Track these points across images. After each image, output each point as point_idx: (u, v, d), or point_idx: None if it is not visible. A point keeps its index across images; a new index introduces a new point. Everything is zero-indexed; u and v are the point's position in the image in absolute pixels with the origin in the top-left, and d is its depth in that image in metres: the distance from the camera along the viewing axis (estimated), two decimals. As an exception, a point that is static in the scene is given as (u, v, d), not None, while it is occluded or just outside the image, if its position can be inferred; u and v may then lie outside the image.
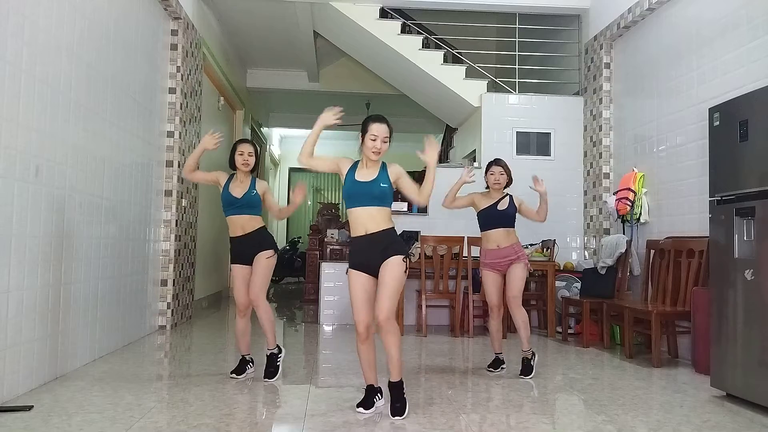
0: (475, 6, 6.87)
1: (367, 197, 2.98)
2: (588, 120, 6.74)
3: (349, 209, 3.05)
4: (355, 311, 3.01)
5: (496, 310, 4.11)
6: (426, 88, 7.67)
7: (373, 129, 3.02)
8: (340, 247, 7.76)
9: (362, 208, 2.99)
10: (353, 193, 3.01)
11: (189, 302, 6.36)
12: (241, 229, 3.75)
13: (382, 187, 2.99)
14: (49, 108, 3.46)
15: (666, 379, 3.98)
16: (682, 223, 4.96)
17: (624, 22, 5.84)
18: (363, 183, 3.00)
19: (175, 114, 5.73)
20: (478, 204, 4.12)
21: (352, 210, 3.03)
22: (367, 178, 3.01)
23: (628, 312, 4.68)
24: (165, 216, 5.65)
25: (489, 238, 4.08)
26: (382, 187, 2.99)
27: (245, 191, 3.74)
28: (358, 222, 3.00)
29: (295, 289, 11.05)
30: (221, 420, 2.88)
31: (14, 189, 3.11)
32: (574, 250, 6.81)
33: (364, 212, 2.99)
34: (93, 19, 4.07)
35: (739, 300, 3.36)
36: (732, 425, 2.97)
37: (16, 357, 3.16)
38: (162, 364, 4.32)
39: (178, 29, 5.80)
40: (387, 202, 3.04)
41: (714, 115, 3.66)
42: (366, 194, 2.98)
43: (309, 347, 5.17)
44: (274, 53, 9.19)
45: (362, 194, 2.99)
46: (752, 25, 4.21)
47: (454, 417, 3.01)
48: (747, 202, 3.32)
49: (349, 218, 3.05)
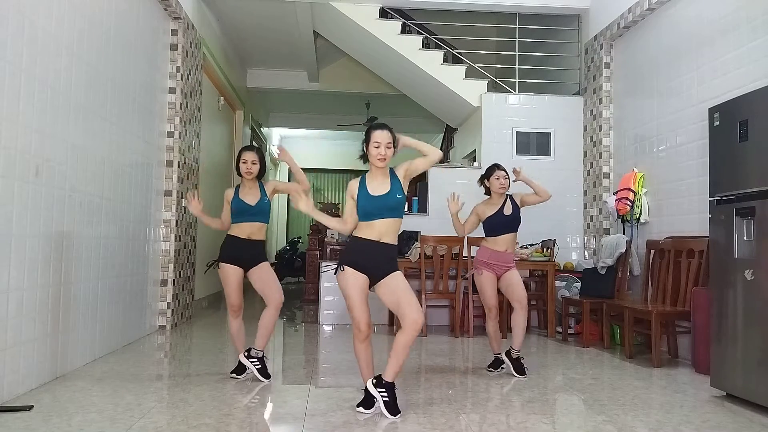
0: (475, 6, 6.87)
1: (384, 210, 3.01)
2: (588, 120, 6.74)
3: (365, 222, 3.05)
4: (354, 310, 3.01)
5: (494, 311, 4.10)
6: (426, 88, 7.67)
7: (375, 136, 3.03)
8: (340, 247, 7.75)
9: (381, 221, 3.01)
10: (371, 209, 3.01)
11: (189, 302, 6.36)
12: (248, 235, 3.74)
13: (398, 198, 3.02)
14: (49, 108, 3.46)
15: (666, 379, 3.98)
16: (682, 223, 4.96)
17: (624, 22, 5.84)
18: (379, 197, 3.01)
19: (175, 114, 5.73)
20: (484, 213, 4.11)
21: (369, 223, 3.03)
22: (382, 191, 3.02)
23: (628, 312, 4.68)
24: (165, 216, 5.65)
25: (499, 242, 4.08)
26: (398, 198, 3.02)
27: (258, 198, 3.74)
28: (375, 230, 3.01)
29: (295, 289, 11.05)
30: (221, 420, 2.88)
31: (14, 189, 3.11)
32: (574, 250, 6.81)
33: (382, 224, 3.01)
34: (93, 19, 4.07)
35: (739, 300, 3.36)
36: (732, 425, 2.97)
37: (16, 357, 3.16)
38: (162, 364, 4.32)
39: (178, 29, 5.80)
40: (402, 212, 3.08)
41: (714, 115, 3.66)
42: (383, 207, 3.01)
43: (309, 347, 5.17)
44: (274, 53, 9.19)
45: (380, 208, 3.01)
46: (752, 25, 4.21)
47: (454, 417, 3.01)
48: (747, 202, 3.32)
49: (362, 226, 3.05)
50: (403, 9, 7.45)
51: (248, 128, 10.09)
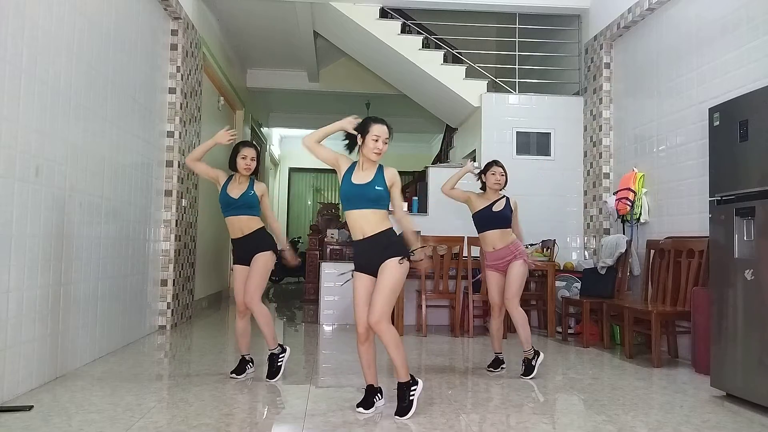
0: (475, 6, 6.87)
1: (362, 200, 2.99)
2: (588, 120, 6.74)
3: (345, 211, 3.06)
4: (355, 311, 3.03)
5: (497, 309, 4.11)
6: (426, 88, 7.67)
7: (375, 129, 3.02)
8: (340, 247, 7.77)
9: (358, 211, 2.99)
10: (349, 195, 3.01)
11: (189, 302, 6.36)
12: (240, 231, 3.75)
13: (378, 190, 2.99)
14: (49, 108, 3.46)
15: (666, 379, 3.98)
16: (682, 223, 4.96)
17: (624, 22, 5.84)
18: (359, 185, 3.00)
19: (175, 114, 5.73)
20: (474, 204, 4.12)
21: (348, 212, 3.04)
22: (363, 181, 3.01)
23: (628, 312, 4.68)
24: (165, 216, 5.65)
25: (485, 240, 4.09)
26: (378, 190, 2.99)
27: (243, 192, 3.74)
28: (356, 225, 3.01)
29: (295, 289, 11.05)
30: (221, 420, 2.88)
31: (14, 189, 3.11)
32: (574, 250, 6.81)
33: (360, 215, 2.99)
34: (93, 19, 4.07)
35: (739, 300, 3.36)
36: (732, 425, 2.97)
37: (16, 357, 3.16)
38: (162, 364, 4.32)
39: (178, 29, 5.80)
40: (382, 204, 3.03)
41: (714, 115, 3.66)
42: (361, 197, 2.99)
43: (309, 347, 5.17)
44: (274, 53, 9.20)
45: (358, 197, 2.99)
46: (752, 25, 4.21)
47: (454, 417, 3.01)
48: (747, 202, 3.32)
49: (347, 221, 3.07)
50: (403, 9, 7.45)
51: (248, 128, 10.09)
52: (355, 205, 3.00)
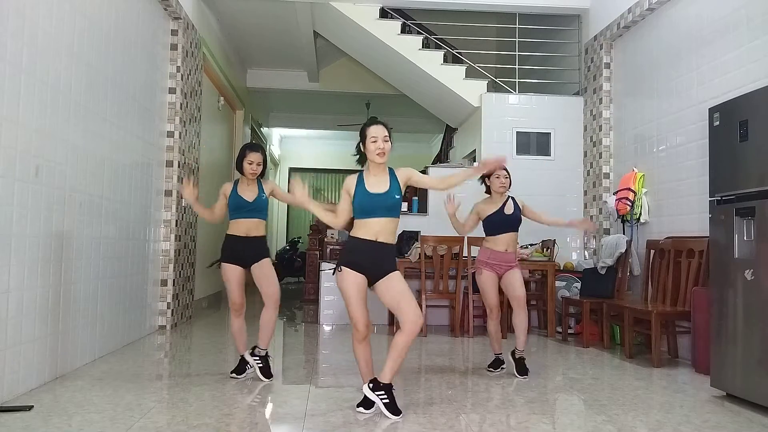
0: (475, 6, 6.87)
1: (381, 209, 2.98)
2: (588, 120, 6.74)
3: (359, 219, 3.03)
4: (353, 310, 3.02)
5: (495, 311, 4.10)
6: (426, 88, 7.67)
7: (371, 131, 3.01)
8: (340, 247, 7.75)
9: (376, 219, 2.99)
10: (367, 205, 2.99)
11: (189, 302, 6.36)
12: (246, 231, 3.74)
13: (396, 198, 3.00)
14: (49, 108, 3.46)
15: (666, 379, 3.98)
16: (682, 223, 4.96)
17: (624, 22, 5.84)
18: (377, 195, 2.98)
19: (175, 114, 5.73)
20: (484, 212, 4.10)
21: (365, 220, 3.00)
22: (380, 190, 3.00)
23: (628, 312, 4.68)
24: (165, 216, 5.65)
25: (499, 242, 4.06)
26: (396, 198, 3.00)
27: (256, 195, 3.75)
28: (371, 229, 2.99)
29: (295, 289, 11.05)
30: (221, 420, 2.88)
31: (14, 189, 3.11)
32: (574, 250, 6.81)
33: (378, 223, 2.99)
34: (93, 19, 4.07)
35: (739, 300, 3.36)
36: (732, 425, 2.97)
37: (16, 357, 3.16)
38: (162, 364, 4.32)
39: (178, 29, 5.80)
40: (398, 212, 3.06)
41: (714, 115, 3.66)
42: (380, 206, 2.98)
43: (309, 347, 5.17)
44: (274, 53, 9.19)
45: (377, 206, 2.98)
46: (752, 25, 4.21)
47: (454, 417, 3.01)
48: (747, 202, 3.32)
49: (358, 224, 3.03)
50: (403, 9, 7.45)
51: (248, 128, 10.09)
52: (374, 214, 2.99)
